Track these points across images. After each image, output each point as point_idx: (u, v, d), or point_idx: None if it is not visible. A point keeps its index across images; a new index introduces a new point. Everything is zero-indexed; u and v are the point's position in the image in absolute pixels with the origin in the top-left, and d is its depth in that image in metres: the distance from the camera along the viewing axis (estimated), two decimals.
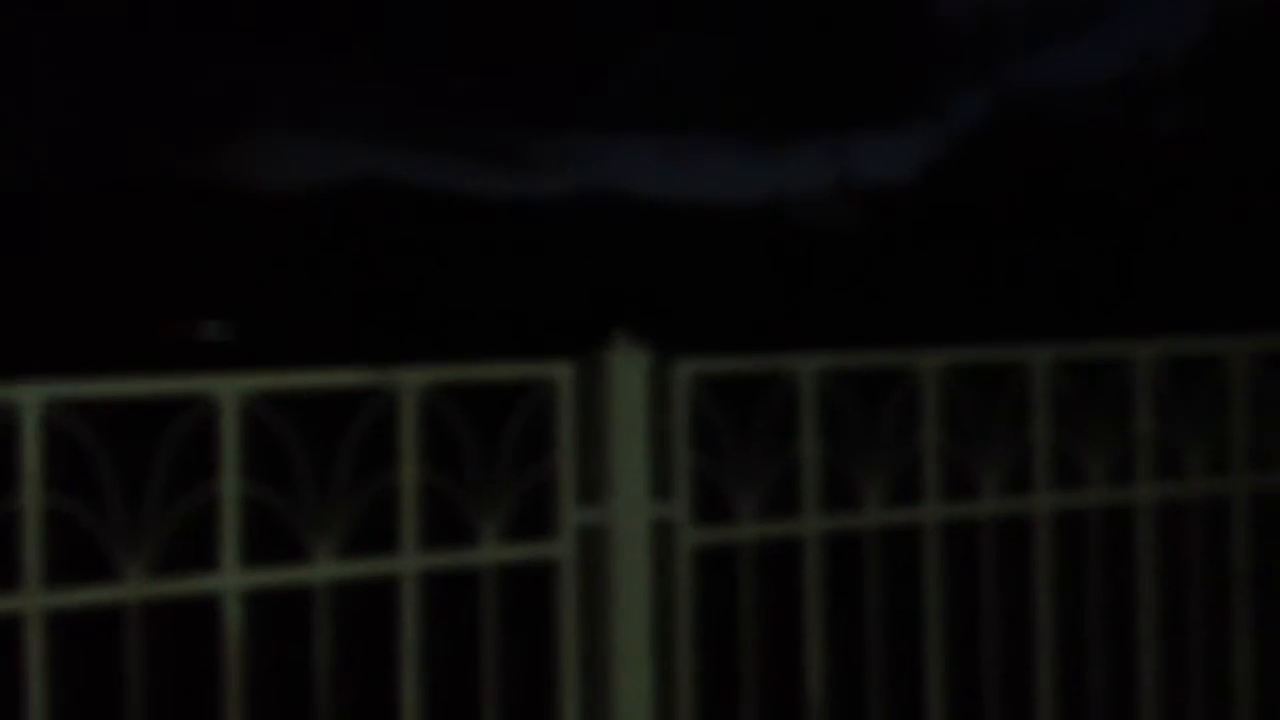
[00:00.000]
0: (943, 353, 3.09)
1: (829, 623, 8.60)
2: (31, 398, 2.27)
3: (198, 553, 11.99)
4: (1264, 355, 3.61)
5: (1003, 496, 3.23)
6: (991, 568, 3.24)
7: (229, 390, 2.37)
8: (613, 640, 2.68)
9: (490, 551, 2.62)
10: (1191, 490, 3.46)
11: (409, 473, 2.53)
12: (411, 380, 2.51)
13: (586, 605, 2.73)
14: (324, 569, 2.47)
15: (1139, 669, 3.43)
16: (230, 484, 2.38)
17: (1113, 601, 8.99)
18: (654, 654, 2.73)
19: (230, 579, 2.40)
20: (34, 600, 2.26)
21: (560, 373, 2.67)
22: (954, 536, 11.89)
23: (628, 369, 2.70)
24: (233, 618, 2.40)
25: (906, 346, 3.12)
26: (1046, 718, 3.27)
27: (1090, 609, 3.44)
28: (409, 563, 2.53)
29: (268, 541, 12.50)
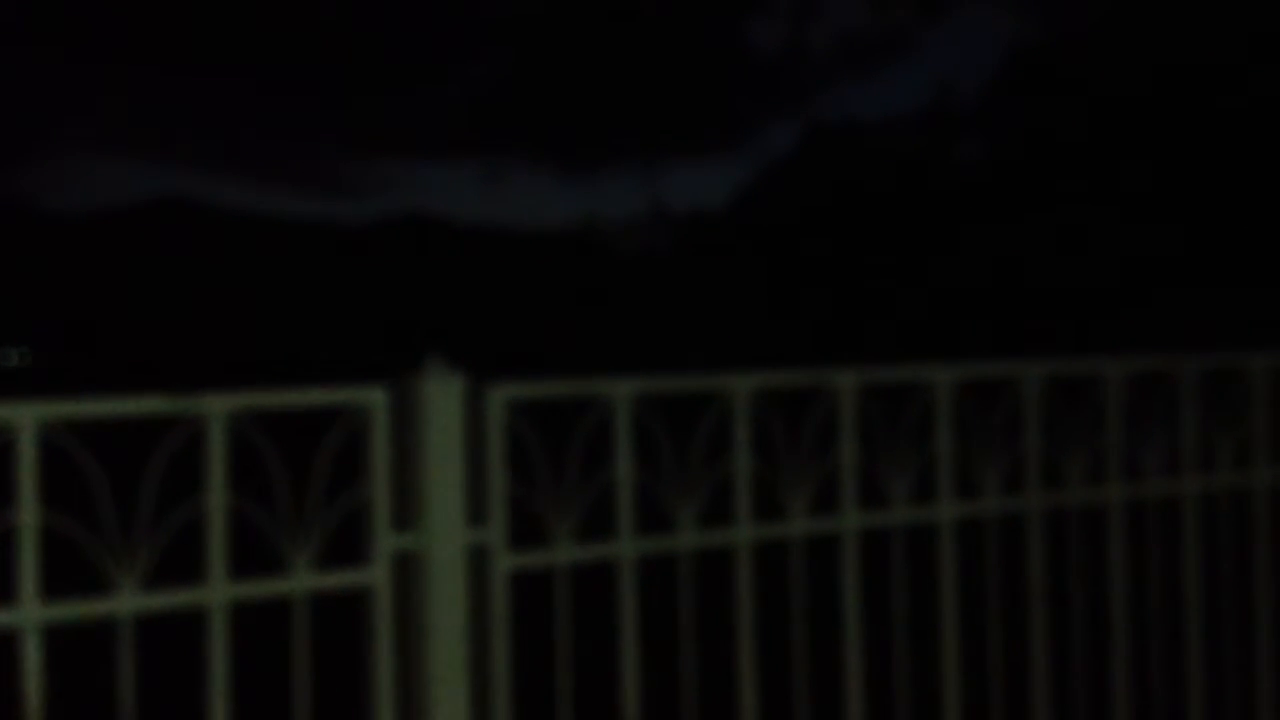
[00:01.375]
0: (752, 376, 3.16)
1: (646, 643, 8.65)
2: None
3: (3, 586, 11.48)
4: (1055, 378, 3.78)
5: (812, 517, 3.30)
6: (801, 586, 3.31)
7: (27, 417, 2.29)
8: (428, 666, 2.66)
9: (302, 580, 2.57)
10: (989, 508, 3.59)
11: (216, 501, 2.48)
12: (218, 407, 2.46)
13: (401, 632, 2.71)
14: (128, 601, 2.40)
15: (942, 677, 3.54)
16: (29, 514, 2.30)
17: (917, 614, 9.25)
18: (470, 679, 2.72)
19: (29, 613, 2.31)
20: None
21: (373, 399, 2.65)
22: (766, 555, 12.08)
23: (442, 394, 2.69)
24: (32, 652, 2.31)
25: (718, 369, 3.18)
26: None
27: (896, 621, 3.54)
28: (216, 593, 2.48)
29: (74, 574, 12.03)
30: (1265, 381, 4.18)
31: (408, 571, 2.71)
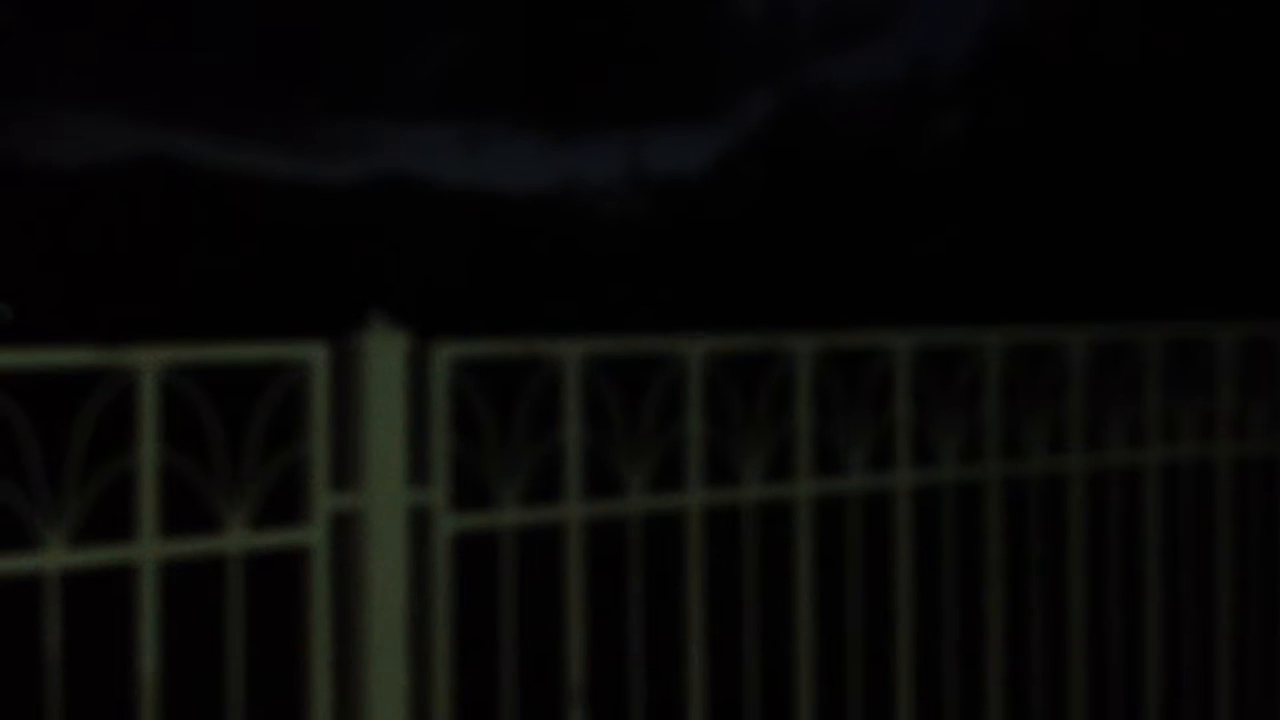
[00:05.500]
0: (706, 339, 3.10)
1: (591, 609, 8.63)
2: None
3: None
4: (1019, 347, 3.74)
5: (765, 483, 3.26)
6: (753, 552, 3.27)
7: None
8: (366, 629, 2.61)
9: (237, 538, 2.52)
10: (946, 477, 3.56)
11: (148, 455, 2.42)
12: (150, 360, 2.39)
13: (339, 593, 2.66)
14: (55, 558, 2.33)
15: (897, 646, 3.51)
16: None
17: (874, 583, 9.24)
18: (409, 643, 2.67)
19: None
20: None
21: (314, 354, 2.59)
22: (717, 521, 12.06)
23: (384, 351, 2.63)
24: None
25: (688, 332, 3.12)
26: (805, 709, 3.32)
27: (850, 590, 3.51)
28: (147, 550, 2.41)
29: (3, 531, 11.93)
30: (1231, 353, 4.15)
31: (346, 532, 2.65)
